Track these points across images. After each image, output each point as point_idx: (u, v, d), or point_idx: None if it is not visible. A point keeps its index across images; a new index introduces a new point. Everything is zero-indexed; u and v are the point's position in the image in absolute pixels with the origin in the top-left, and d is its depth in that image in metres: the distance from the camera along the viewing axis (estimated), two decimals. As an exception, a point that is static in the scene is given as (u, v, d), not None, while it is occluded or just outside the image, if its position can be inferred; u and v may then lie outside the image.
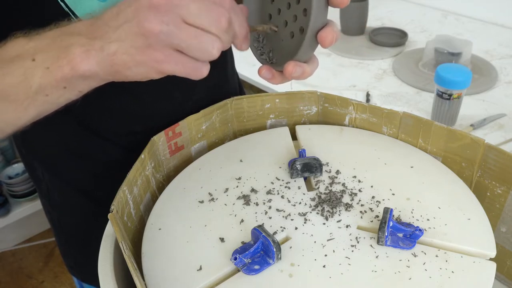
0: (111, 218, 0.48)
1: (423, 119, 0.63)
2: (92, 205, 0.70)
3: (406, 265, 0.48)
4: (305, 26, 0.45)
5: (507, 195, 0.58)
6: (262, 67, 0.49)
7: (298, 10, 0.47)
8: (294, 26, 0.48)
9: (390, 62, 1.34)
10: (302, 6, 0.47)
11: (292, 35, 0.49)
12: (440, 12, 1.66)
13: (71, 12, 0.52)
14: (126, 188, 0.53)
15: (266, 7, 0.52)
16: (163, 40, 0.39)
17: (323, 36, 0.45)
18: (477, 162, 0.59)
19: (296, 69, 0.46)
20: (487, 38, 1.45)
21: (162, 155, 0.63)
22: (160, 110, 0.66)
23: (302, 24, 0.47)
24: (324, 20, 0.45)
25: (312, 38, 0.45)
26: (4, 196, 1.81)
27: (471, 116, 1.07)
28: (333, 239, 0.52)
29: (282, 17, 0.50)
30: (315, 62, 0.49)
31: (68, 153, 0.67)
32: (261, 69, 0.49)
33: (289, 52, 0.48)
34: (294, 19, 0.48)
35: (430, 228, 0.52)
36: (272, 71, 0.49)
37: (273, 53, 0.51)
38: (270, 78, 0.49)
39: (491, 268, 0.48)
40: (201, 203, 0.58)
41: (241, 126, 0.72)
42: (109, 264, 0.49)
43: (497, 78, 1.22)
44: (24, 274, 1.84)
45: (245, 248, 0.50)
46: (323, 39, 0.45)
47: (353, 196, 0.57)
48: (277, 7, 0.50)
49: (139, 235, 0.56)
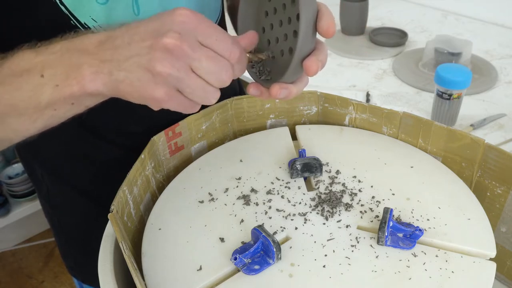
0: (111, 218, 0.48)
1: (423, 119, 0.63)
2: (92, 205, 0.70)
3: (406, 265, 0.48)
4: (294, 48, 0.44)
5: (507, 195, 0.58)
6: (250, 85, 0.49)
7: (289, 30, 0.47)
8: (284, 45, 0.48)
9: (390, 62, 1.34)
10: (292, 28, 0.47)
11: (282, 53, 0.49)
12: (440, 12, 1.66)
13: (70, 14, 0.52)
14: (126, 188, 0.53)
15: (260, 18, 0.52)
16: (169, 82, 0.40)
17: (307, 65, 0.45)
18: (477, 162, 0.60)
19: (281, 92, 0.47)
20: (487, 38, 1.45)
21: (162, 155, 0.63)
22: (160, 110, 0.66)
23: (291, 45, 0.47)
24: (311, 46, 0.45)
25: (298, 62, 0.45)
26: (4, 196, 1.81)
27: (471, 116, 1.07)
28: (333, 239, 0.52)
29: (274, 33, 0.50)
30: (303, 82, 0.49)
31: (68, 154, 0.67)
32: (249, 87, 0.49)
33: (278, 70, 0.48)
34: (284, 38, 0.48)
35: (430, 228, 0.52)
36: (260, 88, 0.49)
37: (263, 67, 0.51)
38: (259, 95, 0.49)
39: (491, 268, 0.48)
40: (201, 203, 0.58)
41: (241, 126, 0.72)
42: (109, 264, 0.49)
43: (497, 78, 1.22)
44: (24, 274, 1.84)
45: (245, 248, 0.50)
46: (308, 68, 0.45)
47: (353, 196, 0.57)
48: (270, 22, 0.50)
49: (139, 235, 0.56)
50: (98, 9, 0.53)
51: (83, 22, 0.52)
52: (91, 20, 0.53)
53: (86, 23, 0.53)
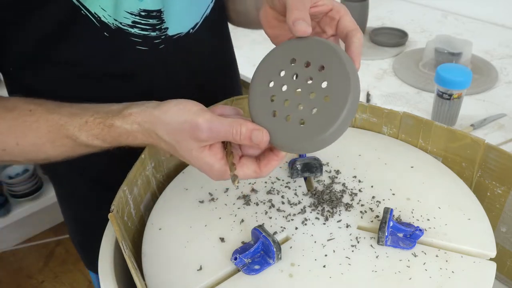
0: (111, 218, 0.48)
1: (423, 119, 0.63)
2: (108, 195, 0.71)
3: (406, 265, 0.48)
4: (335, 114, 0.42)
5: (507, 195, 0.58)
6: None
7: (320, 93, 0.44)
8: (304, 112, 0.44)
9: (390, 62, 1.34)
10: (326, 92, 0.44)
11: (302, 122, 0.45)
12: (440, 12, 1.66)
13: (81, 5, 0.54)
14: (126, 188, 0.53)
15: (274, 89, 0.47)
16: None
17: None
18: (477, 162, 0.59)
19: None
20: (487, 38, 1.45)
21: (162, 155, 0.63)
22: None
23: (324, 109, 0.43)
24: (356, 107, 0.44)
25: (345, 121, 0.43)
26: (4, 196, 1.81)
27: (471, 116, 1.07)
28: (333, 239, 0.52)
29: (295, 98, 0.45)
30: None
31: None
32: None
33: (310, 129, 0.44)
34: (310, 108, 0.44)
35: (430, 228, 0.52)
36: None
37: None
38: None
39: (491, 268, 0.48)
40: (201, 203, 0.58)
41: (241, 126, 0.72)
42: (109, 264, 0.49)
43: (497, 78, 1.22)
44: (24, 274, 1.84)
45: (245, 248, 0.50)
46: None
47: (353, 196, 0.57)
48: (287, 88, 0.46)
49: (139, 235, 0.56)
50: (109, 1, 0.55)
51: (93, 11, 0.55)
52: (100, 10, 0.56)
53: (96, 12, 0.55)
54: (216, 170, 0.47)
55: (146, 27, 0.60)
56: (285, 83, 0.46)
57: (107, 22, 0.56)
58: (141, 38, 0.60)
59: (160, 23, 0.61)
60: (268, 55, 0.48)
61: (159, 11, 0.60)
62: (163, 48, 0.63)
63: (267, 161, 0.47)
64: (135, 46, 0.60)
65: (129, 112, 0.48)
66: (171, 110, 0.46)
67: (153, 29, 0.61)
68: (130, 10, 0.58)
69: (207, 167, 0.47)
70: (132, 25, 0.59)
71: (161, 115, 0.46)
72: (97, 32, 0.56)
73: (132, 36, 0.59)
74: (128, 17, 0.58)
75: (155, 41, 0.62)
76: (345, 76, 0.43)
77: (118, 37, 0.58)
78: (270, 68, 0.47)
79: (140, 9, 0.58)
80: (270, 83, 0.47)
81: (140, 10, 0.58)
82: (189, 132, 0.45)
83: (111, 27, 0.57)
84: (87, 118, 0.49)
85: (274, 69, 0.47)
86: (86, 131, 0.49)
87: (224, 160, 0.46)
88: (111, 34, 0.58)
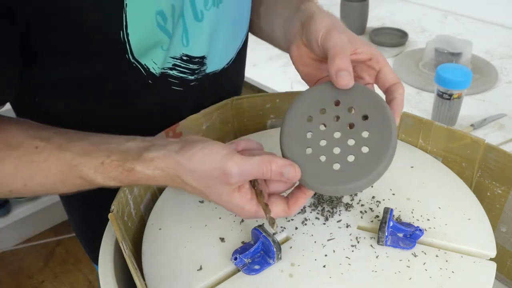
0: (112, 218, 0.48)
1: (423, 119, 0.63)
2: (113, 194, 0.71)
3: (406, 265, 0.48)
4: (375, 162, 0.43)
5: (507, 195, 0.58)
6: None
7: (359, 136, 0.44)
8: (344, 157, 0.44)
9: (390, 62, 1.34)
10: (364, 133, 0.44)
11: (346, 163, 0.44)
12: (440, 12, 1.66)
13: (135, 60, 0.54)
14: (126, 188, 0.53)
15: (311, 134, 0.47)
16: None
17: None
18: (477, 162, 0.59)
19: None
20: (487, 38, 1.45)
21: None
22: (159, 111, 0.66)
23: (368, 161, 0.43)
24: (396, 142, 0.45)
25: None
26: (4, 196, 1.81)
27: (471, 116, 1.07)
28: (333, 239, 0.52)
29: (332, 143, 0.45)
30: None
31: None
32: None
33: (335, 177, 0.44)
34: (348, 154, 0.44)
35: (430, 228, 0.52)
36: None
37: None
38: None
39: (491, 268, 0.48)
40: (201, 203, 0.58)
41: (241, 126, 0.72)
42: (109, 264, 0.49)
43: (497, 78, 1.22)
44: (24, 274, 1.84)
45: (245, 248, 0.50)
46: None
47: (353, 196, 0.57)
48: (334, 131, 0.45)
49: (139, 235, 0.56)
50: (160, 54, 0.56)
51: (143, 63, 0.55)
52: (152, 63, 0.56)
53: (147, 64, 0.56)
54: (246, 211, 0.46)
55: (185, 71, 0.60)
56: (324, 122, 0.46)
57: (154, 72, 0.57)
58: (178, 80, 0.60)
59: (200, 67, 0.61)
60: (310, 90, 0.47)
61: (202, 57, 0.60)
62: (196, 85, 0.63)
63: (295, 199, 0.46)
64: (171, 86, 0.60)
65: (151, 157, 0.45)
66: (196, 155, 0.44)
67: (192, 73, 0.61)
68: (173, 55, 0.57)
69: (238, 209, 0.46)
70: (172, 68, 0.59)
71: (185, 162, 0.44)
72: (142, 79, 0.56)
73: (170, 78, 0.59)
74: (170, 61, 0.58)
75: (191, 83, 0.62)
76: (388, 133, 0.43)
77: (160, 81, 0.58)
78: (311, 104, 0.46)
79: (182, 53, 0.58)
80: (308, 119, 0.46)
81: (182, 55, 0.58)
82: (218, 178, 0.43)
83: (156, 76, 0.57)
84: (103, 159, 0.46)
85: (315, 106, 0.46)
86: (102, 173, 0.46)
87: (254, 200, 0.46)
88: (154, 82, 0.58)
